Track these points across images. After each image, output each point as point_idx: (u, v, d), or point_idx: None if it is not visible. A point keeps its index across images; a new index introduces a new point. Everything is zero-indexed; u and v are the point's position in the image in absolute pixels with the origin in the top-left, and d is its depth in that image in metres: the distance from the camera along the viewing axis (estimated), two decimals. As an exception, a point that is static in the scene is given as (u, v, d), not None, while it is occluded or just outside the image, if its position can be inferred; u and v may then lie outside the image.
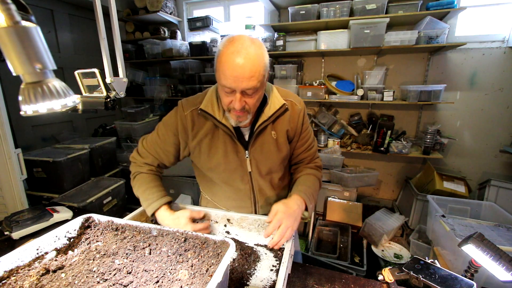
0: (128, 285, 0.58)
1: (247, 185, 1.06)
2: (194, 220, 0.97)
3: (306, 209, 0.98)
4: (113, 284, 0.58)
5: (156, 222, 1.14)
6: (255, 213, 1.12)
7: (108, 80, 0.92)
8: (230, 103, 0.87)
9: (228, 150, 1.00)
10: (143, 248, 0.68)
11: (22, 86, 0.58)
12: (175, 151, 1.06)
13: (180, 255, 0.65)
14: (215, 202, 1.17)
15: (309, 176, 1.07)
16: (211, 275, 0.57)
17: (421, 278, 0.75)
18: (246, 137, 1.02)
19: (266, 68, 0.85)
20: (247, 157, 1.01)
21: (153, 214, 0.99)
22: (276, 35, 2.89)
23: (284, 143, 1.03)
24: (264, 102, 0.99)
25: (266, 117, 0.96)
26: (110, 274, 0.61)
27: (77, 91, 0.81)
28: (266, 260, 0.91)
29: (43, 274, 0.60)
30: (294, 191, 0.99)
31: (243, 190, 1.07)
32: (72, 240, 0.73)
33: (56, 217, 1.29)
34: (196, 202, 2.79)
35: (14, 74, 0.55)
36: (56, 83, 0.60)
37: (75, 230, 0.75)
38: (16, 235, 1.15)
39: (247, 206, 1.11)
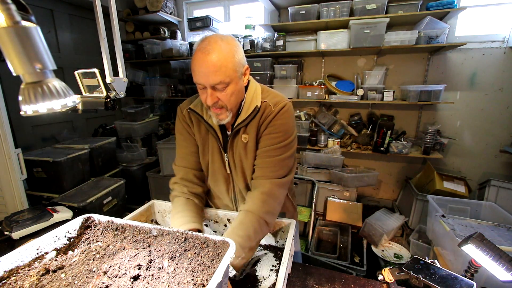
0: (128, 285, 0.58)
1: (229, 186, 1.07)
2: None
3: None
4: (113, 284, 0.58)
5: (157, 223, 1.15)
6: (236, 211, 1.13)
7: (108, 80, 0.92)
8: (205, 100, 0.88)
9: (214, 150, 1.02)
10: (143, 248, 0.68)
11: (22, 86, 0.58)
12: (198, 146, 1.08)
13: (180, 255, 0.65)
14: (208, 199, 1.20)
15: (247, 218, 0.88)
16: (211, 275, 0.57)
17: (421, 278, 0.75)
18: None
19: (237, 64, 0.85)
20: (226, 160, 1.01)
21: None
22: (276, 35, 2.89)
23: (252, 148, 0.97)
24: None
25: (242, 119, 0.94)
26: (110, 274, 0.61)
27: (77, 91, 0.81)
28: (266, 260, 0.91)
29: (43, 274, 0.60)
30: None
31: (225, 191, 1.08)
32: (72, 240, 0.73)
33: (56, 217, 1.29)
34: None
35: (14, 74, 0.55)
36: (56, 83, 0.60)
37: (75, 230, 0.75)
38: (16, 235, 1.15)
39: (229, 207, 1.13)
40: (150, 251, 0.67)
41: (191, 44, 3.38)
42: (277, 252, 0.95)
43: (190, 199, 1.02)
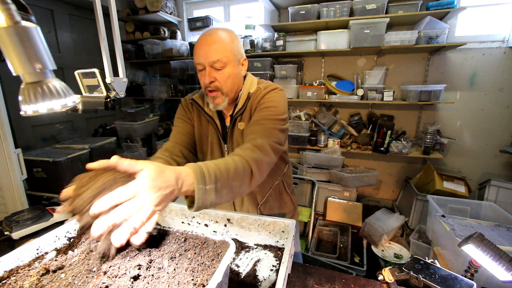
0: (128, 285, 0.58)
1: None
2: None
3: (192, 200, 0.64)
4: (113, 284, 0.58)
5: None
6: (234, 210, 1.13)
7: (108, 80, 0.92)
8: (203, 81, 0.92)
9: (213, 141, 1.05)
10: (144, 248, 0.68)
11: (22, 86, 0.58)
12: (194, 134, 1.10)
13: (180, 255, 0.65)
14: None
15: (230, 158, 0.75)
16: (211, 275, 0.57)
17: (421, 278, 0.75)
18: None
19: (235, 49, 0.92)
20: (226, 150, 1.04)
21: None
22: (276, 35, 2.89)
23: None
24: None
25: (238, 108, 0.99)
26: (110, 274, 0.61)
27: (77, 91, 0.81)
28: (266, 260, 0.91)
29: (43, 274, 0.60)
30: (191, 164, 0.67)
31: None
32: (72, 240, 0.73)
33: (56, 217, 1.29)
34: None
35: (14, 74, 0.55)
36: (56, 83, 0.60)
37: (75, 230, 0.75)
38: (16, 235, 1.15)
39: (228, 204, 1.13)
40: (150, 251, 0.67)
41: (191, 44, 3.38)
42: (277, 252, 0.95)
43: (172, 162, 0.91)
